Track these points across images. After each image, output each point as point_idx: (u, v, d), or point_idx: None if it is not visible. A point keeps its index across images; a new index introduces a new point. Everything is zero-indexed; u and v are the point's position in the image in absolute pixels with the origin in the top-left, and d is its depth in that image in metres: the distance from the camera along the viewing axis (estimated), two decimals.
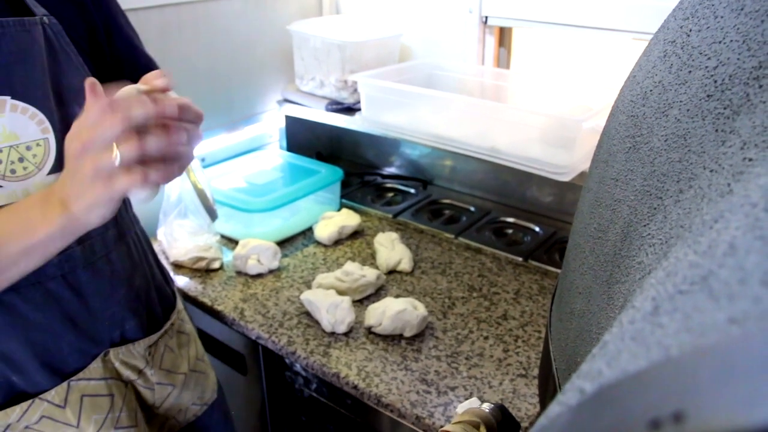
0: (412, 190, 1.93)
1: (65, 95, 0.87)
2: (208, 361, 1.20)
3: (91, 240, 0.92)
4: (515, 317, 1.33)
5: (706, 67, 0.38)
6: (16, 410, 0.89)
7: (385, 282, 1.46)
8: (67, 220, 0.70)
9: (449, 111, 1.53)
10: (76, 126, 0.69)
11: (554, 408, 0.18)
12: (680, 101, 0.40)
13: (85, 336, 0.94)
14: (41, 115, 0.84)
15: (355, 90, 1.76)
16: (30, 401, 0.90)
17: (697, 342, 0.14)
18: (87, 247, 0.92)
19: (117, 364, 0.99)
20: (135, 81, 0.95)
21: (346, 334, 1.28)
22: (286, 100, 1.95)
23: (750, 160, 0.29)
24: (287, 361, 1.36)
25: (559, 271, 1.22)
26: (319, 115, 1.85)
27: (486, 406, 0.75)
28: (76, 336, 0.93)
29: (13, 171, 0.82)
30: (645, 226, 0.40)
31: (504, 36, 1.81)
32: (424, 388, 1.13)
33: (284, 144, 2.05)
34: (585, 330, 0.49)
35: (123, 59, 0.99)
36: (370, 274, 1.41)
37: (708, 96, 0.37)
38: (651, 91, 0.46)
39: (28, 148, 0.83)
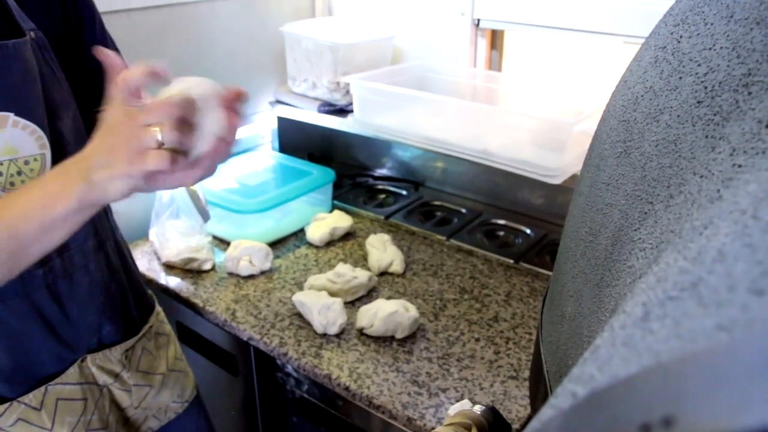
0: (404, 192, 1.93)
1: (54, 110, 0.88)
2: (185, 360, 1.22)
3: (70, 251, 0.94)
4: (506, 319, 1.34)
5: (697, 73, 0.38)
6: None
7: (376, 283, 1.46)
8: (86, 190, 0.70)
9: (441, 113, 1.53)
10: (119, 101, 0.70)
11: (547, 411, 0.18)
12: (671, 107, 0.41)
13: (63, 343, 0.96)
14: (40, 132, 0.85)
15: (348, 92, 1.76)
16: (7, 404, 0.91)
17: (686, 348, 0.14)
18: (66, 258, 0.93)
19: (93, 370, 1.01)
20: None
21: (337, 335, 1.28)
22: (279, 102, 1.95)
23: (739, 166, 0.29)
24: (279, 362, 1.36)
25: (549, 273, 1.22)
26: (311, 116, 1.84)
27: (477, 408, 0.76)
28: (55, 344, 0.95)
29: (12, 184, 0.84)
30: (636, 230, 0.40)
31: (496, 39, 1.81)
32: (416, 390, 1.13)
33: (276, 145, 2.05)
34: (576, 333, 0.49)
35: (96, 71, 1.00)
36: (361, 275, 1.41)
37: (698, 102, 0.37)
38: (642, 96, 0.46)
39: (26, 163, 0.85)
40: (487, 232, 1.70)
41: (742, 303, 0.15)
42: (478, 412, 0.74)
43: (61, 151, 0.89)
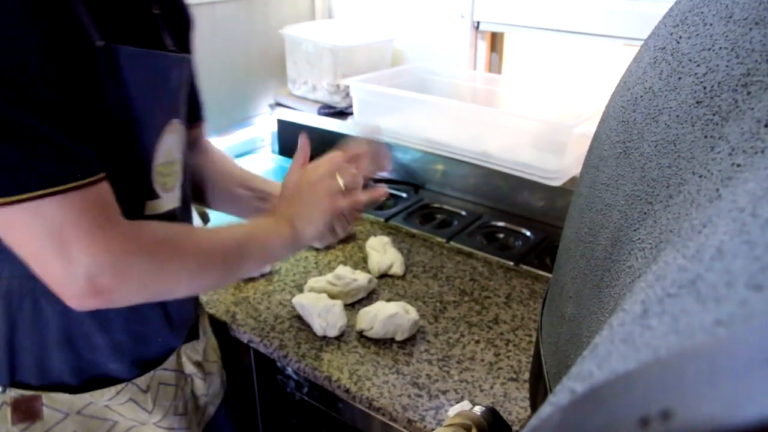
0: (404, 194, 1.93)
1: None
2: None
3: None
4: (506, 321, 1.34)
5: (696, 73, 0.39)
6: (112, 391, 0.97)
7: (376, 286, 1.46)
8: (293, 234, 0.94)
9: (441, 115, 1.54)
10: (324, 166, 1.01)
11: (546, 409, 0.18)
12: (670, 107, 0.41)
13: (174, 331, 1.05)
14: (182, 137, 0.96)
15: (348, 94, 1.76)
16: (123, 385, 0.98)
17: (685, 343, 0.14)
18: None
19: (184, 359, 1.09)
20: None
21: (337, 337, 1.28)
22: (279, 104, 1.95)
23: (738, 165, 0.29)
24: (279, 364, 1.35)
25: (550, 275, 1.22)
26: (311, 119, 1.85)
27: (477, 409, 0.76)
28: (167, 331, 1.03)
29: (165, 184, 0.92)
30: (635, 230, 0.40)
31: (496, 41, 1.81)
32: (416, 392, 1.13)
33: (276, 148, 2.05)
34: (576, 334, 0.49)
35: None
36: (361, 278, 1.41)
37: (697, 102, 0.37)
38: (641, 97, 0.46)
39: (173, 164, 0.94)
40: (487, 235, 1.70)
41: (740, 298, 0.15)
42: (478, 413, 0.74)
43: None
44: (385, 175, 2.00)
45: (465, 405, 0.99)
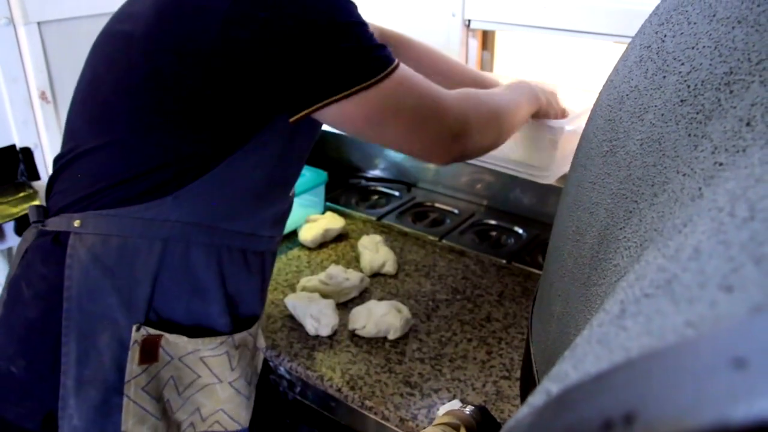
0: (397, 193, 1.93)
1: None
2: None
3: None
4: (498, 319, 1.34)
5: (680, 72, 0.39)
6: (217, 341, 1.02)
7: (369, 285, 1.46)
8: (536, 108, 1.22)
9: None
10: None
11: (523, 409, 0.18)
12: (655, 106, 0.41)
13: (262, 301, 1.13)
14: None
15: None
16: (225, 337, 1.03)
17: (655, 345, 0.14)
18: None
19: (259, 330, 1.15)
20: None
21: (330, 337, 1.28)
22: None
23: (720, 164, 0.29)
24: (271, 364, 1.35)
25: (541, 273, 1.22)
26: None
27: (467, 408, 0.76)
28: (259, 298, 1.11)
29: None
30: (621, 229, 0.40)
31: (487, 39, 1.81)
32: (408, 391, 1.13)
33: None
34: (564, 332, 0.49)
35: None
36: (353, 277, 1.41)
37: (682, 101, 0.37)
38: (627, 95, 0.46)
39: None
40: (479, 233, 1.70)
41: (711, 299, 0.14)
42: (467, 412, 0.74)
43: None
44: (377, 173, 2.01)
45: (455, 404, 0.99)
